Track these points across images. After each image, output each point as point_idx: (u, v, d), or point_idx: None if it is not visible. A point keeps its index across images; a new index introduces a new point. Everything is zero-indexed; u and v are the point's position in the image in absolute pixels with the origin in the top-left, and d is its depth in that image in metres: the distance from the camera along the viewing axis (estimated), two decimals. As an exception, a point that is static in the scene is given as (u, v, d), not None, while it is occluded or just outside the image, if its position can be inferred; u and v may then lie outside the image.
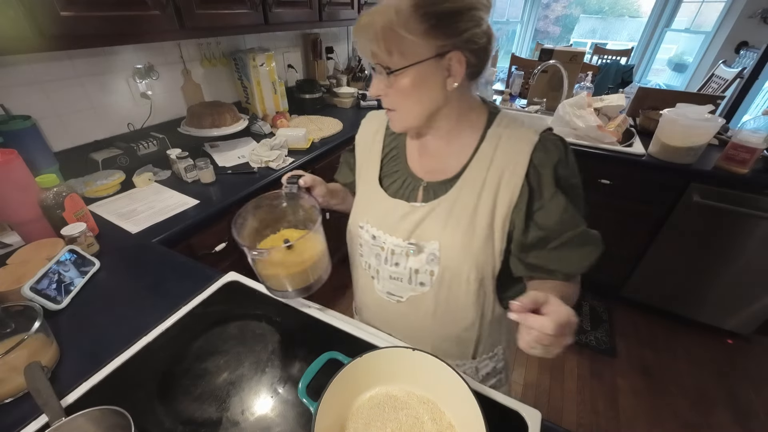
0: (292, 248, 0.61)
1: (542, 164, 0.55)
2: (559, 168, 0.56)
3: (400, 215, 0.63)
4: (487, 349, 0.73)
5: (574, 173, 0.58)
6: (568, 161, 0.57)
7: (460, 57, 0.50)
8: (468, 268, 0.60)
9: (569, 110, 1.67)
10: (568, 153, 0.57)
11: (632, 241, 1.74)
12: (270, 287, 0.67)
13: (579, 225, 0.58)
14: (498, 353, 0.75)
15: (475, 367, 0.74)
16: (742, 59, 3.39)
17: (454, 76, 0.52)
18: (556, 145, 0.56)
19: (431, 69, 0.51)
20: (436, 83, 0.53)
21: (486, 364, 0.75)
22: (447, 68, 0.52)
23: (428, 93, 0.54)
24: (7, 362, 0.54)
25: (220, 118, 1.43)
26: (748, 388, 1.60)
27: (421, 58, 0.50)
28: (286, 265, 0.62)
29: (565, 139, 0.59)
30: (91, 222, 0.93)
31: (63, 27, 0.83)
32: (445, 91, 0.54)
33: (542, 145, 0.56)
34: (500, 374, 0.79)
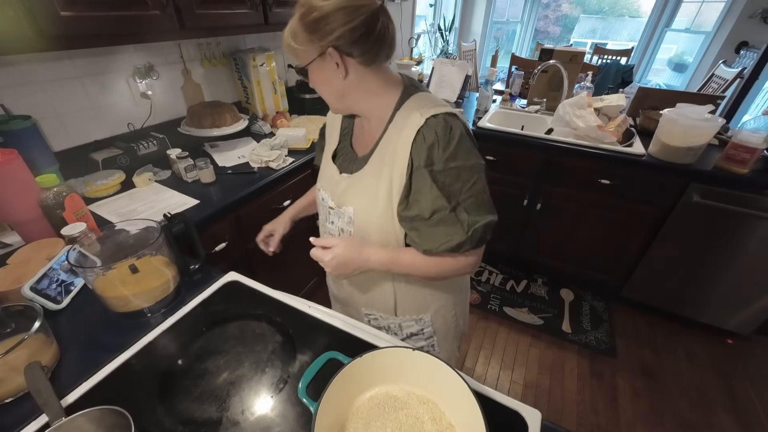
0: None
1: (418, 149, 0.62)
2: (433, 152, 0.61)
3: (335, 182, 0.75)
4: (409, 311, 0.83)
5: (456, 156, 0.61)
6: (448, 144, 0.61)
7: (334, 52, 0.59)
8: (373, 231, 0.71)
9: (569, 110, 1.67)
10: (450, 136, 0.61)
11: (632, 241, 1.74)
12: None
13: (447, 209, 0.63)
14: (425, 319, 0.85)
15: (398, 324, 0.86)
16: (742, 59, 3.39)
17: (341, 67, 0.61)
18: (435, 128, 0.61)
19: (321, 65, 0.62)
20: (332, 74, 0.63)
21: (410, 325, 0.86)
22: (336, 62, 0.61)
23: (328, 83, 0.65)
24: (7, 362, 0.54)
25: (220, 118, 1.43)
26: (748, 388, 1.60)
27: (310, 59, 0.62)
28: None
29: (455, 120, 0.63)
30: (91, 222, 0.94)
31: (63, 27, 0.83)
32: (343, 79, 0.63)
33: (423, 130, 0.62)
34: (431, 339, 0.89)
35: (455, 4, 4.42)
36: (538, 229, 1.95)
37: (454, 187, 0.62)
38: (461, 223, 0.63)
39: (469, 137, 0.64)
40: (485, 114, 2.00)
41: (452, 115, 0.63)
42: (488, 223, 0.65)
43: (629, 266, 1.82)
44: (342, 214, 0.74)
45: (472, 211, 0.64)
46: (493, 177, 1.90)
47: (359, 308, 0.88)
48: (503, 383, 1.60)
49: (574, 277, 2.07)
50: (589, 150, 1.61)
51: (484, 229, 0.64)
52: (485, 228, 0.65)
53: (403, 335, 0.87)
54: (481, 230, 0.64)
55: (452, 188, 0.62)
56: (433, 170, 0.62)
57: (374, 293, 0.82)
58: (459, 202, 0.63)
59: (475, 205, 0.64)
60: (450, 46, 3.82)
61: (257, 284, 0.80)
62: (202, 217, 1.06)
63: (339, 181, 0.74)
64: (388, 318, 0.85)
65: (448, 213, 0.63)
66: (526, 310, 1.96)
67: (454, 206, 0.63)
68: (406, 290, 0.80)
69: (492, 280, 2.16)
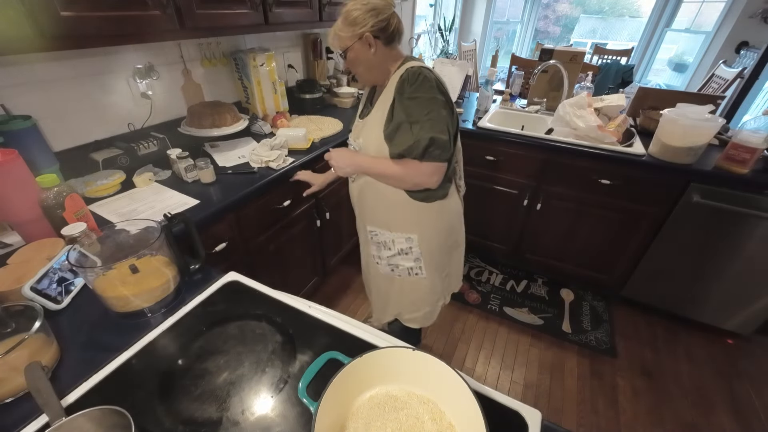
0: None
1: (398, 88, 0.92)
2: (404, 86, 0.91)
3: (356, 127, 1.12)
4: (401, 227, 1.11)
5: (417, 89, 0.89)
6: (415, 82, 0.89)
7: (369, 36, 0.91)
8: (372, 151, 1.01)
9: (569, 110, 1.67)
10: (417, 78, 0.89)
11: (632, 241, 1.74)
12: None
13: (406, 122, 0.91)
14: (413, 239, 1.11)
15: (392, 239, 1.14)
16: (742, 59, 3.39)
17: (373, 45, 0.93)
18: (409, 73, 0.91)
19: (359, 46, 0.93)
20: (365, 52, 0.94)
21: (401, 241, 1.13)
22: (368, 44, 0.92)
23: (363, 59, 0.96)
24: (7, 362, 0.54)
25: (220, 118, 1.43)
26: (748, 388, 1.60)
27: (352, 43, 0.93)
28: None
29: (425, 70, 0.90)
30: (92, 222, 0.94)
31: (63, 27, 0.83)
32: (373, 55, 0.94)
33: (402, 76, 0.92)
34: (418, 261, 1.15)
35: (455, 4, 4.42)
36: (538, 229, 1.95)
37: (415, 110, 0.89)
38: (413, 134, 0.90)
39: (433, 81, 0.90)
40: (485, 114, 1.99)
41: (424, 67, 0.91)
42: (432, 138, 0.88)
43: (629, 266, 1.82)
44: (356, 145, 1.07)
45: (424, 128, 0.89)
46: (493, 177, 1.90)
47: (365, 225, 1.19)
48: (503, 383, 1.60)
49: (574, 277, 2.06)
50: (589, 150, 1.61)
51: (429, 141, 0.88)
52: (430, 141, 0.88)
53: (395, 250, 1.15)
54: (426, 141, 0.88)
55: (413, 110, 0.90)
56: (402, 97, 0.91)
57: (376, 212, 1.13)
58: (416, 120, 0.89)
59: (428, 125, 0.88)
60: (450, 46, 3.82)
61: (257, 284, 0.80)
62: (202, 217, 1.06)
63: (357, 124, 1.11)
64: (385, 233, 1.14)
65: (405, 125, 0.91)
66: (526, 310, 1.96)
67: (411, 122, 0.90)
68: (398, 209, 1.07)
69: (492, 280, 2.16)
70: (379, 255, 1.20)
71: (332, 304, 1.95)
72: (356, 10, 0.89)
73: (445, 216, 1.12)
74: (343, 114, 1.99)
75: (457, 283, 1.38)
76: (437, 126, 0.89)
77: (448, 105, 0.92)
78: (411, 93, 0.89)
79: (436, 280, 1.22)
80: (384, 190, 1.06)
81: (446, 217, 1.12)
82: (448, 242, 1.18)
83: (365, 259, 1.32)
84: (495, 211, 1.99)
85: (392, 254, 1.16)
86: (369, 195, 1.11)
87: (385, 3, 0.90)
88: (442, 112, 0.90)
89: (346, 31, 0.92)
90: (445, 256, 1.21)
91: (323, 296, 2.01)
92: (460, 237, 1.26)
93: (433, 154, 0.90)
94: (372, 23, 0.89)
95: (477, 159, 1.87)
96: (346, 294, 2.05)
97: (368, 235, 1.19)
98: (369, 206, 1.14)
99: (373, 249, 1.20)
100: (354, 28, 0.90)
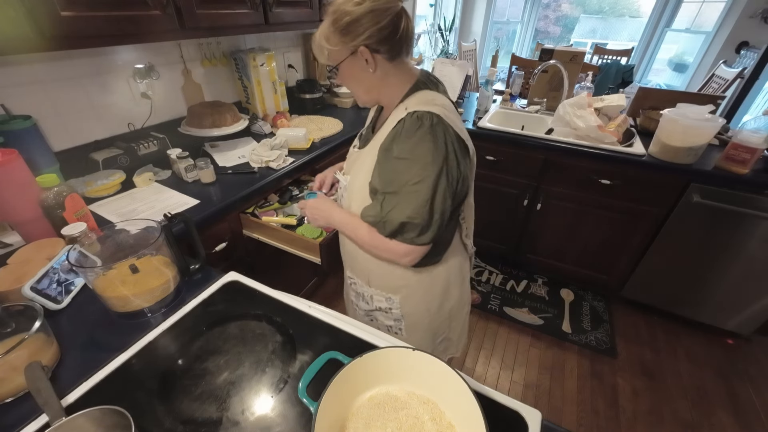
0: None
1: (386, 142, 0.71)
2: (395, 140, 0.69)
3: (351, 155, 0.89)
4: (381, 286, 0.89)
5: (412, 150, 0.66)
6: (409, 138, 0.67)
7: (365, 50, 0.67)
8: (355, 198, 0.80)
9: (569, 110, 1.67)
10: (415, 132, 0.66)
11: (632, 241, 1.74)
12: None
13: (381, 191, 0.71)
14: (394, 300, 0.90)
15: (371, 295, 0.93)
16: (742, 59, 3.39)
17: (371, 64, 0.70)
18: (407, 121, 0.68)
19: (352, 62, 0.70)
20: (361, 70, 0.71)
21: (380, 300, 0.92)
22: (365, 59, 0.69)
23: (358, 78, 0.73)
24: (7, 362, 0.54)
25: (220, 118, 1.43)
26: (748, 388, 1.60)
27: (342, 58, 0.70)
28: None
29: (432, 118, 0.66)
30: (92, 222, 0.94)
31: (63, 27, 0.83)
32: (371, 74, 0.71)
33: (401, 121, 0.69)
34: (398, 322, 0.94)
35: (455, 4, 4.42)
36: (538, 229, 1.95)
37: (397, 175, 0.68)
38: (382, 208, 0.70)
39: (439, 135, 0.66)
40: (485, 114, 1.99)
41: (434, 113, 0.66)
42: (403, 223, 0.68)
43: (629, 266, 1.82)
44: (343, 180, 0.86)
45: (398, 206, 0.68)
46: (493, 177, 1.90)
47: (346, 270, 0.99)
48: (503, 383, 1.60)
49: (574, 277, 2.06)
50: (589, 150, 1.61)
51: (398, 226, 0.69)
52: (400, 226, 0.69)
53: (372, 306, 0.95)
54: (394, 225, 0.69)
55: (396, 176, 0.68)
56: (388, 155, 0.70)
57: (356, 262, 0.91)
58: (394, 191, 0.69)
59: (405, 202, 0.67)
60: (450, 46, 3.82)
61: (257, 284, 0.80)
62: (203, 217, 1.06)
63: (352, 153, 0.88)
64: (363, 287, 0.93)
65: (381, 194, 0.71)
66: (527, 310, 1.96)
67: (386, 192, 0.70)
68: (378, 267, 0.86)
69: (492, 280, 2.16)
70: (357, 304, 0.99)
71: (332, 304, 1.94)
72: (347, 14, 0.65)
73: (437, 283, 0.89)
74: (344, 114, 1.99)
75: (459, 347, 1.08)
76: (418, 205, 0.67)
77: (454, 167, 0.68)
78: (400, 152, 0.67)
79: (423, 344, 0.98)
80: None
81: (439, 285, 0.89)
82: (445, 309, 0.94)
83: (346, 291, 1.09)
84: (495, 211, 1.99)
85: (370, 309, 0.96)
86: (347, 240, 0.90)
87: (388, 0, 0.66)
88: (436, 184, 0.66)
89: (334, 40, 0.67)
90: (441, 323, 0.97)
91: (323, 296, 2.01)
92: (464, 300, 1.00)
93: (405, 237, 0.70)
94: (370, 32, 0.65)
95: (477, 159, 1.86)
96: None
97: (347, 280, 1.00)
98: (348, 251, 0.93)
99: (352, 296, 1.00)
100: (344, 38, 0.66)
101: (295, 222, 1.17)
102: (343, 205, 0.87)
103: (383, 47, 0.68)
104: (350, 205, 0.83)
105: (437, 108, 0.68)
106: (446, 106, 0.71)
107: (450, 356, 1.10)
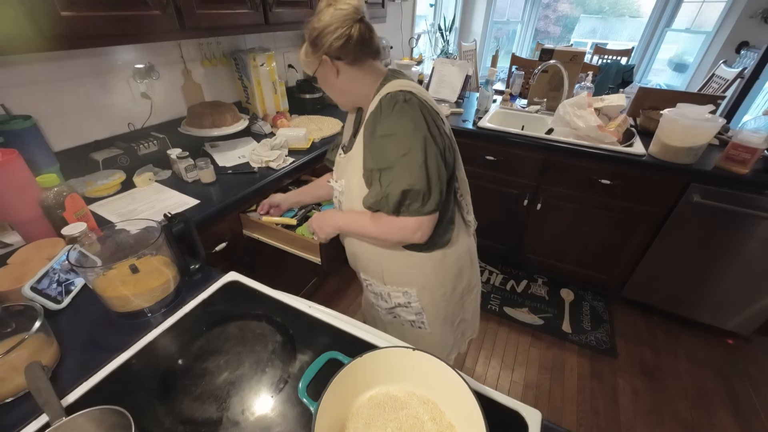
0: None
1: (368, 125, 0.76)
2: (375, 122, 0.74)
3: (338, 163, 0.93)
4: (397, 282, 0.92)
5: (392, 124, 0.72)
6: (389, 115, 0.72)
7: (326, 59, 0.76)
8: (355, 197, 0.82)
9: (569, 110, 1.67)
10: (392, 106, 0.72)
11: (632, 241, 1.74)
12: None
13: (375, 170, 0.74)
14: (411, 293, 0.92)
15: (387, 293, 0.95)
16: (742, 59, 3.38)
17: (332, 70, 0.78)
18: (383, 102, 0.74)
19: (322, 70, 0.79)
20: (330, 76, 0.79)
21: (397, 295, 0.94)
22: (330, 66, 0.77)
23: (329, 83, 0.82)
24: (7, 362, 0.54)
25: (220, 118, 1.43)
26: (748, 388, 1.60)
27: (315, 68, 0.79)
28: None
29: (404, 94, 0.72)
30: (92, 222, 0.94)
31: (63, 27, 0.83)
32: (336, 78, 0.79)
33: (375, 108, 0.75)
34: (420, 315, 0.97)
35: (455, 4, 4.42)
36: (538, 229, 1.95)
37: (387, 152, 0.72)
38: (381, 185, 0.74)
39: (415, 107, 0.71)
40: (485, 114, 1.99)
41: (404, 90, 0.73)
42: (405, 191, 0.71)
43: (629, 266, 1.81)
44: (338, 187, 0.91)
45: (395, 178, 0.72)
46: (493, 177, 1.90)
47: (359, 273, 1.01)
48: (503, 383, 1.60)
49: (574, 277, 2.06)
50: (589, 150, 1.61)
51: (401, 195, 0.71)
52: (402, 195, 0.72)
53: (392, 303, 0.97)
54: (397, 196, 0.72)
55: (385, 153, 0.73)
56: (373, 138, 0.74)
57: (368, 261, 0.94)
58: (388, 167, 0.72)
59: (400, 173, 0.71)
60: (450, 46, 3.82)
61: (257, 284, 0.80)
62: (203, 217, 1.06)
63: (340, 161, 0.92)
64: (379, 285, 0.96)
65: (375, 173, 0.74)
66: (527, 310, 1.96)
67: (381, 169, 0.73)
68: (390, 261, 0.89)
69: (492, 280, 2.16)
70: (377, 304, 1.02)
71: (332, 304, 1.94)
72: (314, 29, 0.74)
73: (450, 265, 0.91)
74: (344, 114, 1.97)
75: (474, 328, 1.17)
76: (414, 172, 0.70)
77: (437, 134, 0.74)
78: (383, 130, 0.72)
79: (447, 332, 1.03)
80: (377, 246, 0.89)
81: (452, 266, 0.92)
82: (458, 291, 0.98)
83: (365, 296, 1.11)
84: (495, 211, 1.99)
85: (390, 307, 0.98)
86: (355, 241, 0.93)
87: (343, 13, 0.72)
88: (425, 149, 0.71)
89: (309, 53, 0.78)
90: (456, 306, 1.01)
91: (323, 296, 2.01)
92: (474, 279, 1.07)
93: (411, 208, 0.73)
94: (329, 43, 0.74)
95: (477, 159, 1.87)
96: (346, 294, 2.05)
97: (363, 282, 1.02)
98: (356, 253, 0.95)
99: (371, 297, 1.03)
100: (314, 50, 0.76)
101: (295, 222, 1.18)
102: (343, 209, 0.91)
103: (342, 54, 0.75)
104: (352, 205, 0.85)
105: (408, 87, 0.75)
106: (416, 86, 0.77)
107: (469, 339, 1.17)
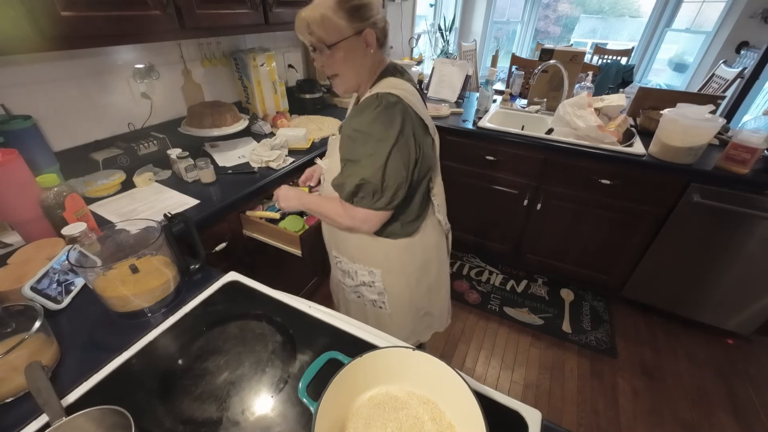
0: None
1: (351, 114, 0.79)
2: (354, 116, 0.77)
3: (330, 143, 0.95)
4: (363, 260, 0.97)
5: (369, 125, 0.74)
6: (367, 114, 0.74)
7: (371, 33, 0.74)
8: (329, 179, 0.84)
9: (569, 110, 1.67)
10: (372, 109, 0.74)
11: (632, 241, 1.74)
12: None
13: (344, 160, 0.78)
14: (376, 274, 0.97)
15: (355, 270, 1.00)
16: (742, 59, 3.38)
17: (371, 46, 0.76)
18: (367, 101, 0.76)
19: (350, 44, 0.75)
20: (358, 52, 0.76)
21: (363, 274, 0.99)
22: (365, 41, 0.75)
23: (350, 60, 0.77)
24: (7, 362, 0.54)
25: (220, 118, 1.43)
26: (748, 388, 1.60)
27: (341, 38, 0.73)
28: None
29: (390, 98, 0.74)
30: (92, 222, 0.94)
31: (63, 27, 0.83)
32: (366, 56, 0.78)
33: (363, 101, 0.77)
34: (381, 295, 1.01)
35: (455, 4, 4.42)
36: (538, 229, 1.95)
37: (357, 147, 0.75)
38: (343, 174, 0.78)
39: (396, 117, 0.73)
40: (485, 114, 1.99)
41: (394, 94, 0.74)
42: (358, 185, 0.76)
43: (629, 266, 1.81)
44: (322, 163, 0.96)
45: (356, 170, 0.75)
46: (493, 177, 1.90)
47: (332, 251, 1.05)
48: (503, 383, 1.60)
49: (574, 277, 2.06)
50: (589, 150, 1.61)
51: (355, 187, 0.76)
52: (356, 187, 0.76)
53: (357, 281, 1.02)
54: (351, 187, 0.76)
55: (355, 147, 0.76)
56: (350, 129, 0.77)
57: (339, 239, 0.99)
58: (354, 160, 0.76)
59: (361, 167, 0.75)
60: (450, 46, 3.82)
61: (257, 284, 0.80)
62: (203, 217, 1.06)
63: (331, 141, 0.93)
64: (348, 263, 1.00)
65: (342, 162, 0.79)
66: (527, 310, 1.96)
67: (348, 159, 0.77)
68: (358, 240, 0.93)
69: (492, 280, 2.16)
70: (344, 282, 1.06)
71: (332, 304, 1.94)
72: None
73: (415, 255, 0.96)
74: (344, 114, 1.98)
75: (441, 323, 1.18)
76: (373, 171, 0.74)
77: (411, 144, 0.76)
78: (361, 126, 0.75)
79: (407, 318, 1.07)
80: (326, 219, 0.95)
81: (417, 257, 0.97)
82: (423, 283, 1.02)
83: (333, 272, 1.16)
84: (495, 211, 1.99)
85: (356, 284, 1.03)
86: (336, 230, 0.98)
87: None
88: (389, 155, 0.74)
89: (340, 17, 0.71)
90: (422, 298, 1.05)
91: (323, 296, 2.00)
92: (443, 276, 1.10)
93: (363, 201, 0.77)
94: (376, 18, 0.73)
95: (477, 159, 1.87)
96: (346, 294, 2.05)
97: (333, 260, 1.07)
98: (331, 229, 1.01)
99: (339, 275, 1.07)
100: (351, 19, 0.71)
101: (278, 216, 1.18)
102: (323, 187, 0.95)
103: (379, 32, 0.76)
104: (328, 186, 0.88)
105: (398, 91, 0.75)
106: (408, 90, 0.78)
107: (434, 331, 1.19)
